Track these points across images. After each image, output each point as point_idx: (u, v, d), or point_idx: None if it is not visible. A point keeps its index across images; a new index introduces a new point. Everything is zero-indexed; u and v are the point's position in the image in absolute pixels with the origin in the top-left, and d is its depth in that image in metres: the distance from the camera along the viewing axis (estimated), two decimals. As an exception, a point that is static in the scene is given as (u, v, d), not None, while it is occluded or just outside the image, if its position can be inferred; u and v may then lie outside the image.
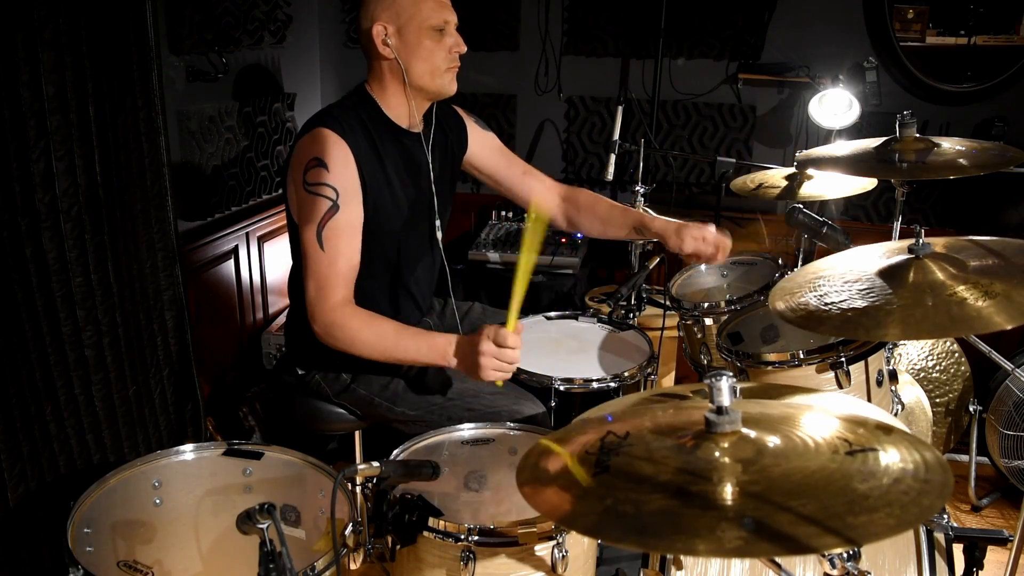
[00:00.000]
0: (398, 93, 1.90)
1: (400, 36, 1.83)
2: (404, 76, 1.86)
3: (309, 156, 1.77)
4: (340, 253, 1.78)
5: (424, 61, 1.85)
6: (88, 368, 2.06)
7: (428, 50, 1.84)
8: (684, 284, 2.49)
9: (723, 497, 0.94)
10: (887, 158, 2.07)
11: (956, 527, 1.42)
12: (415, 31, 1.83)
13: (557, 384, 1.94)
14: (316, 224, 1.76)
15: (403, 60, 1.84)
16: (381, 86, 1.91)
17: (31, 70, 1.85)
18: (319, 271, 1.77)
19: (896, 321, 1.32)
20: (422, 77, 1.87)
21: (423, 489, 1.52)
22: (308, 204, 1.77)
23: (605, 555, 1.93)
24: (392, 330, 1.77)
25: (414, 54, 1.84)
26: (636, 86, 3.44)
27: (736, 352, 1.93)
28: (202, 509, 1.67)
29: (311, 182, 1.76)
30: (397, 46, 1.83)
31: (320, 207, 1.76)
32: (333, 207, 1.76)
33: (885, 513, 0.88)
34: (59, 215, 1.94)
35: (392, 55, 1.84)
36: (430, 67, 1.86)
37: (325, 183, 1.76)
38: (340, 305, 1.77)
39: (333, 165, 1.77)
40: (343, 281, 1.79)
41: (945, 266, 1.41)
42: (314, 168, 1.76)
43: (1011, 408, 2.68)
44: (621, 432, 1.11)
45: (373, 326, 1.77)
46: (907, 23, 3.11)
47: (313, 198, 1.76)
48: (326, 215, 1.76)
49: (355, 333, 1.76)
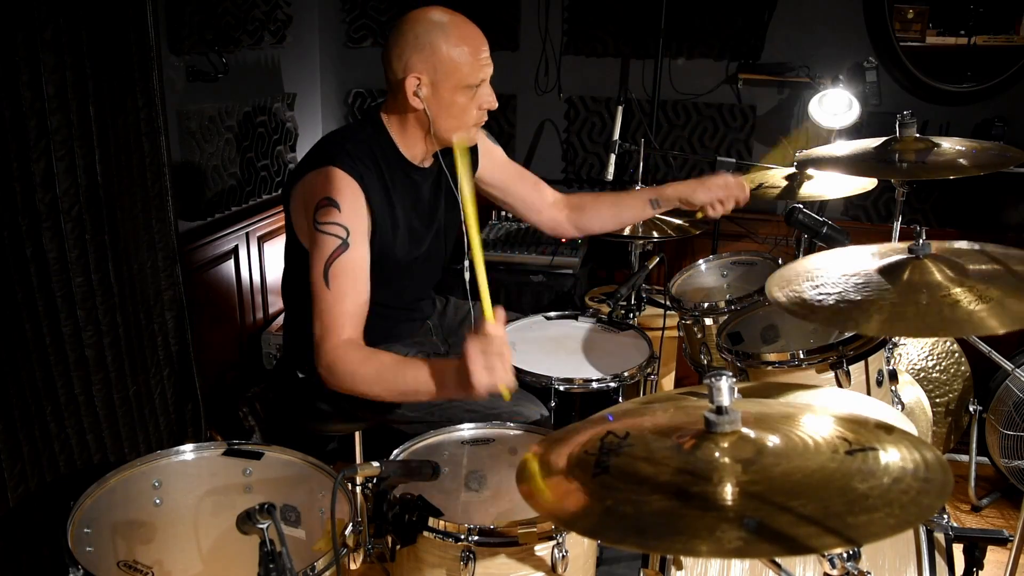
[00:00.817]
0: (418, 138, 1.86)
1: (433, 90, 1.76)
2: (430, 127, 1.81)
3: (321, 195, 1.75)
4: (346, 293, 1.75)
5: (454, 118, 1.80)
6: (88, 368, 2.06)
7: (460, 108, 1.79)
8: (684, 284, 2.49)
9: (723, 497, 0.94)
10: (887, 158, 2.08)
11: (956, 527, 1.42)
12: (450, 89, 1.76)
13: (557, 384, 1.94)
14: (324, 262, 1.73)
15: (432, 113, 1.78)
16: (401, 127, 1.86)
17: (31, 70, 1.85)
18: (323, 310, 1.74)
19: (886, 316, 1.33)
20: (448, 132, 1.82)
21: (423, 489, 1.52)
22: (317, 241, 1.74)
23: (605, 555, 1.93)
24: (390, 364, 1.70)
25: (446, 111, 1.78)
26: (636, 86, 3.44)
27: (736, 352, 1.93)
28: (202, 509, 1.67)
29: (321, 221, 1.74)
30: (429, 99, 1.76)
31: (329, 245, 1.73)
32: (342, 245, 1.73)
33: (885, 513, 0.89)
34: (59, 215, 1.94)
35: (421, 106, 1.77)
36: (458, 123, 1.81)
37: (336, 223, 1.73)
38: (344, 345, 1.72)
39: (344, 205, 1.74)
40: (348, 321, 1.75)
41: (944, 268, 1.41)
42: (325, 207, 1.74)
43: (1011, 408, 2.67)
44: (621, 432, 1.11)
45: (371, 363, 1.70)
46: (907, 23, 3.11)
47: (323, 236, 1.74)
48: (334, 254, 1.73)
49: (355, 371, 1.69)
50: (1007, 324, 1.25)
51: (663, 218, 2.63)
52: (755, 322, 2.12)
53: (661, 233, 2.57)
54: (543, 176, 2.29)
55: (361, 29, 3.57)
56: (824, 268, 1.55)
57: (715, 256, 2.56)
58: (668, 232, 2.58)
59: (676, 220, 2.63)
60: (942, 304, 1.33)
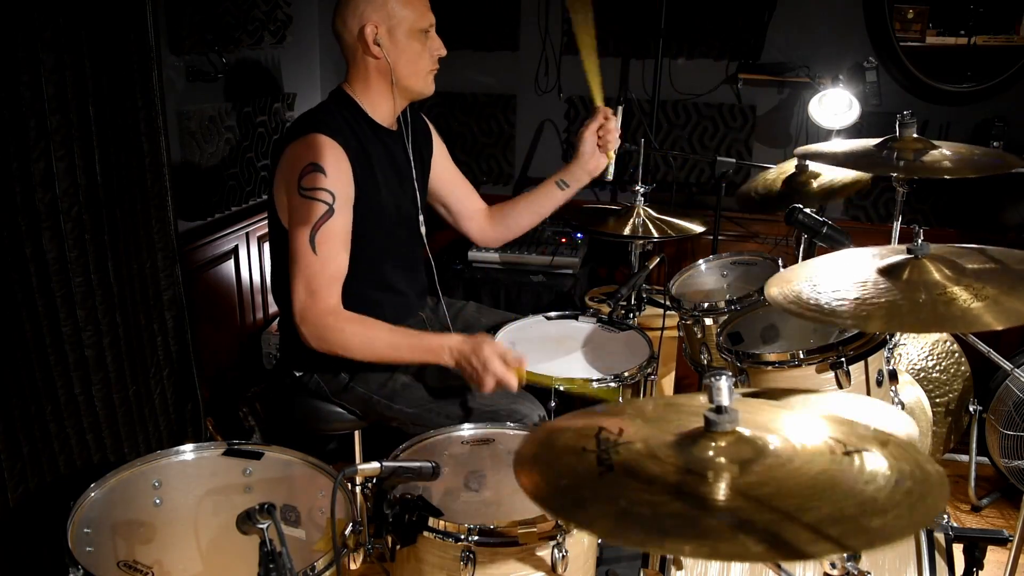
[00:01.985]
0: (383, 92, 1.93)
1: (390, 37, 1.86)
2: (391, 76, 1.89)
3: (305, 161, 1.78)
4: (332, 258, 1.79)
5: (412, 62, 1.90)
6: (88, 368, 2.06)
7: (416, 52, 1.90)
8: (684, 284, 2.49)
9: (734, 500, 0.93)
10: (886, 156, 2.07)
11: (956, 527, 1.42)
12: (405, 33, 1.87)
13: (557, 384, 1.94)
14: (310, 227, 1.76)
15: (392, 60, 1.88)
16: (365, 86, 1.93)
17: (31, 70, 1.85)
18: (310, 275, 1.77)
19: (882, 313, 1.34)
20: (408, 77, 1.91)
21: (423, 489, 1.52)
22: (303, 208, 1.77)
23: (605, 555, 1.93)
24: (385, 332, 1.79)
25: (403, 55, 1.89)
26: (636, 86, 3.44)
27: (736, 352, 1.93)
28: (202, 509, 1.67)
29: (307, 187, 1.77)
30: (387, 46, 1.87)
31: (315, 211, 1.77)
32: (329, 211, 1.77)
33: (895, 515, 0.89)
34: (59, 215, 1.94)
35: (382, 55, 1.87)
36: (416, 68, 1.91)
37: (322, 187, 1.77)
38: (332, 309, 1.78)
39: (330, 170, 1.78)
40: (334, 285, 1.80)
41: (942, 267, 1.42)
42: (311, 173, 1.77)
43: (1011, 408, 2.67)
44: (615, 429, 1.11)
45: (366, 329, 1.79)
46: (907, 23, 3.11)
47: (309, 202, 1.77)
48: (321, 219, 1.77)
49: (348, 337, 1.77)
50: (1002, 321, 1.26)
51: (663, 218, 2.63)
52: (755, 322, 2.12)
53: (661, 233, 2.57)
54: (543, 176, 2.30)
55: (361, 29, 3.57)
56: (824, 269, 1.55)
57: (715, 256, 2.56)
58: (668, 232, 2.58)
59: (677, 221, 2.63)
60: (938, 302, 1.34)
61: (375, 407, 1.95)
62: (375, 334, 1.80)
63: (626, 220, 2.60)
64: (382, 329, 1.80)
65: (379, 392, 1.94)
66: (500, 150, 3.62)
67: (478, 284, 3.13)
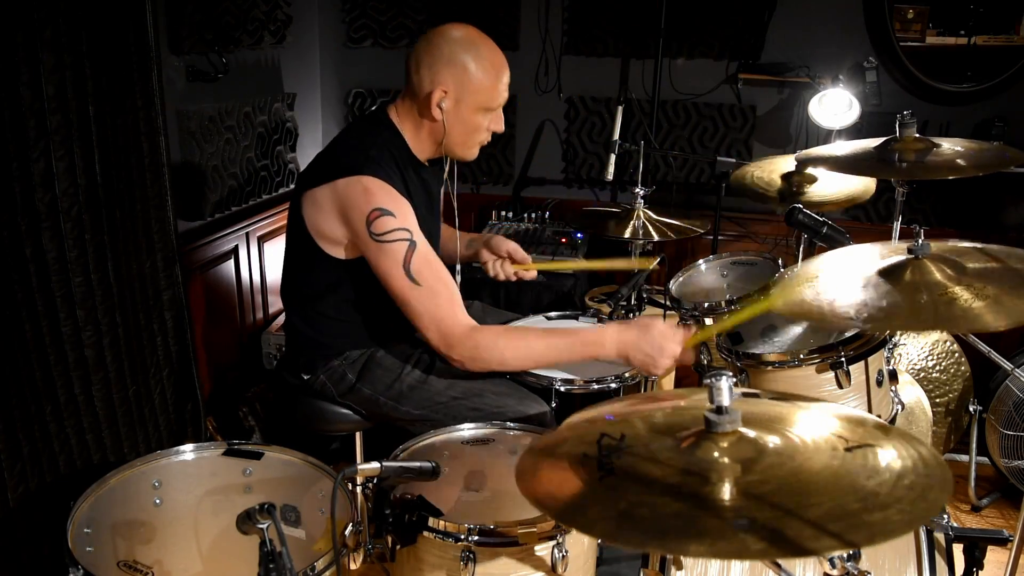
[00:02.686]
0: (429, 144, 1.93)
1: (456, 106, 1.85)
2: (443, 138, 1.89)
3: (369, 207, 1.77)
4: (437, 279, 1.79)
5: (468, 135, 1.90)
6: (88, 368, 2.06)
7: (475, 127, 1.89)
8: (684, 284, 2.49)
9: (736, 498, 0.93)
10: (887, 158, 2.07)
11: (956, 527, 1.42)
12: (472, 108, 1.86)
13: (558, 385, 1.94)
14: (401, 267, 1.76)
15: (448, 127, 1.87)
16: (416, 130, 1.92)
17: (31, 70, 1.85)
18: (430, 308, 1.77)
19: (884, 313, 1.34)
20: (457, 146, 1.92)
21: (423, 489, 1.52)
22: (386, 253, 1.77)
23: (605, 555, 1.93)
24: (537, 335, 1.80)
25: (462, 126, 1.88)
26: (636, 86, 3.44)
27: (736, 352, 1.93)
28: (202, 509, 1.67)
29: (380, 232, 1.76)
30: (449, 113, 1.85)
31: (399, 250, 1.76)
32: (411, 245, 1.77)
33: (897, 509, 0.89)
34: (59, 215, 1.94)
35: (440, 119, 1.85)
36: (468, 140, 1.91)
37: (396, 228, 1.77)
38: (472, 329, 1.78)
39: (396, 210, 1.78)
40: (457, 306, 1.80)
41: (943, 267, 1.42)
42: (379, 218, 1.76)
43: (1011, 408, 2.67)
44: (616, 434, 1.11)
45: (517, 338, 1.80)
46: (907, 23, 3.11)
47: (389, 245, 1.76)
48: (407, 255, 1.77)
49: (503, 350, 1.78)
50: (1002, 321, 1.26)
51: (663, 220, 2.63)
52: (755, 322, 2.12)
53: (661, 235, 2.58)
54: (543, 176, 2.30)
55: (361, 29, 3.57)
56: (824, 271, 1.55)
57: (715, 256, 2.55)
58: (668, 233, 2.59)
59: (675, 222, 2.63)
60: (939, 302, 1.33)
61: (382, 408, 1.95)
62: (528, 341, 1.79)
63: (626, 223, 2.60)
64: (533, 333, 1.81)
65: (386, 393, 1.93)
66: (500, 150, 3.62)
67: (478, 284, 3.12)
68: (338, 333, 1.97)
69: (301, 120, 3.36)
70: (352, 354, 1.97)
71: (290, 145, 3.25)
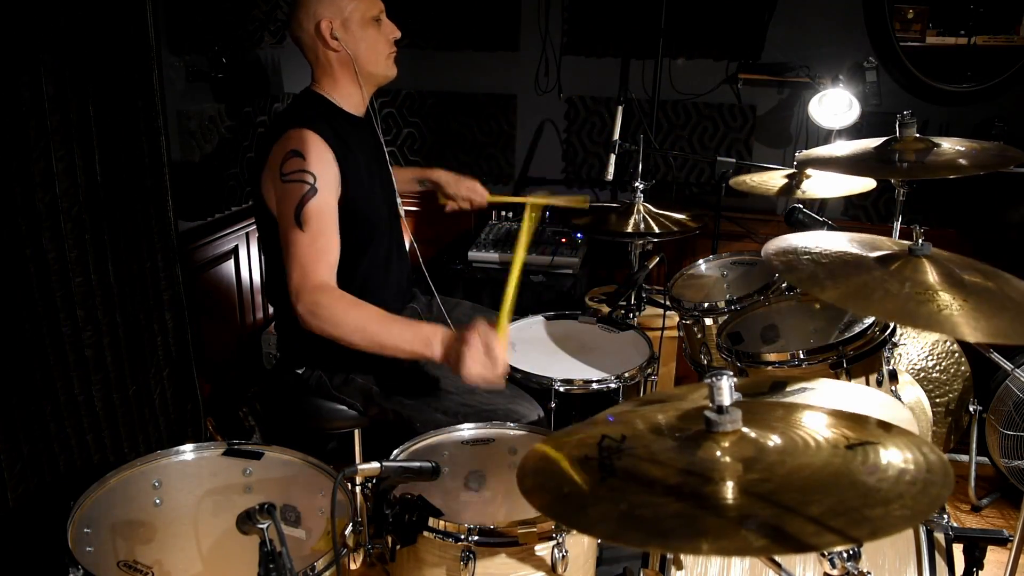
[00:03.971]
0: (350, 83, 2.00)
1: (346, 29, 1.94)
2: (354, 66, 1.96)
3: (285, 150, 1.82)
4: (320, 233, 1.80)
5: (370, 49, 1.98)
6: (88, 368, 2.06)
7: (373, 38, 1.97)
8: (684, 284, 2.49)
9: (738, 497, 0.94)
10: (887, 158, 2.08)
11: (956, 527, 1.42)
12: (358, 22, 1.95)
13: (557, 385, 1.94)
14: (295, 207, 1.79)
15: (351, 50, 1.95)
16: (332, 81, 1.99)
17: (31, 70, 1.85)
18: (301, 252, 1.78)
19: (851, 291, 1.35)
20: (370, 64, 1.98)
21: (423, 489, 1.52)
22: (286, 192, 1.81)
23: (605, 555, 1.93)
24: (377, 315, 1.76)
25: (361, 43, 1.96)
26: (636, 86, 3.44)
27: (736, 352, 1.93)
28: (202, 509, 1.67)
29: (288, 171, 1.81)
30: (344, 38, 1.94)
31: (297, 191, 1.79)
32: (311, 190, 1.80)
33: (899, 504, 0.89)
34: (59, 215, 1.94)
35: (341, 47, 1.94)
36: (375, 54, 1.99)
37: (302, 170, 1.81)
38: (324, 286, 1.77)
39: (309, 154, 1.82)
40: (325, 262, 1.80)
41: (937, 271, 1.41)
42: (291, 158, 1.81)
43: (1011, 408, 2.68)
44: (616, 435, 1.11)
45: (358, 309, 1.76)
46: (907, 23, 3.11)
47: (291, 185, 1.80)
48: (304, 197, 1.79)
49: (341, 315, 1.74)
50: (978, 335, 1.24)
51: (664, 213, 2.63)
52: (755, 322, 2.12)
53: (663, 228, 2.57)
54: (543, 176, 2.30)
55: (361, 29, 3.57)
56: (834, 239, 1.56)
57: (715, 256, 2.56)
58: (670, 227, 2.58)
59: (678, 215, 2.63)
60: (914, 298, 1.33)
61: (375, 399, 1.96)
62: (369, 313, 1.76)
63: (627, 218, 2.60)
64: (376, 311, 1.77)
65: (379, 384, 1.96)
66: (500, 150, 3.62)
67: (478, 284, 3.13)
68: None
69: (301, 120, 3.36)
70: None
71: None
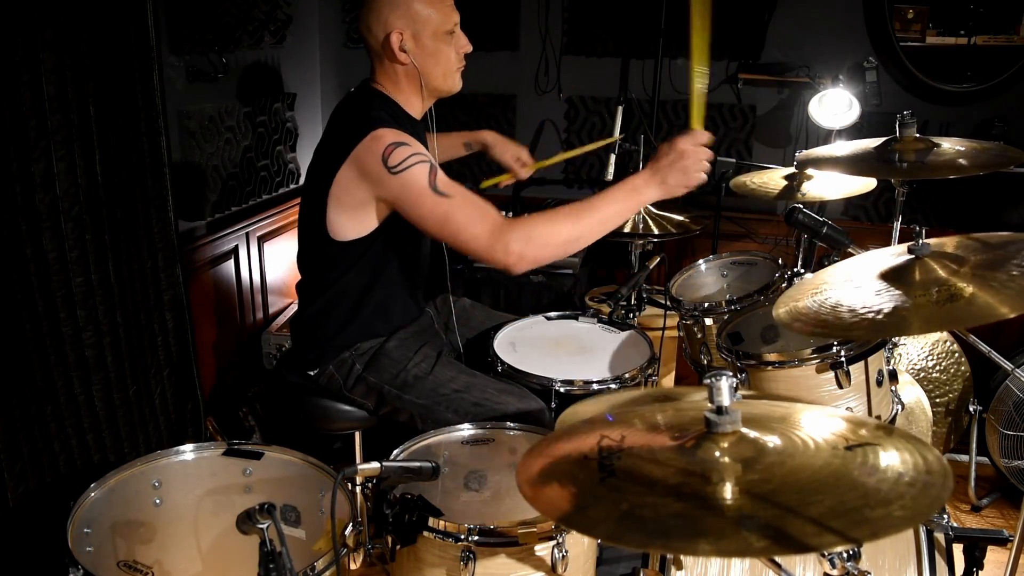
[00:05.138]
0: (414, 93, 1.97)
1: (416, 42, 1.89)
2: (420, 79, 1.93)
3: (382, 147, 1.79)
4: (465, 191, 1.81)
5: (439, 64, 1.94)
6: (88, 368, 2.06)
7: (443, 53, 1.93)
8: (684, 284, 2.49)
9: (738, 498, 0.94)
10: (887, 158, 2.07)
11: (956, 527, 1.42)
12: (430, 36, 1.90)
13: (557, 385, 1.94)
14: (429, 185, 1.77)
15: (419, 64, 1.91)
16: (396, 87, 1.96)
17: (32, 70, 1.85)
18: (467, 213, 1.78)
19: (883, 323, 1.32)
20: (437, 79, 1.95)
21: (423, 489, 1.52)
22: (407, 180, 1.78)
23: (605, 555, 1.93)
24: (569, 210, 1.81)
25: (430, 58, 1.92)
26: (636, 86, 3.44)
27: (736, 352, 1.93)
28: (202, 509, 1.67)
29: (397, 162, 1.78)
30: (413, 51, 1.90)
31: (420, 172, 1.78)
32: (431, 166, 1.80)
33: (899, 505, 0.89)
34: (59, 215, 1.94)
35: (408, 60, 1.90)
36: (444, 70, 1.95)
37: (413, 154, 1.79)
38: (510, 223, 1.79)
39: (408, 141, 1.81)
40: (489, 207, 1.81)
41: (946, 263, 1.40)
42: (395, 150, 1.78)
43: (1011, 408, 2.68)
44: (616, 436, 1.11)
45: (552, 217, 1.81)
46: (907, 23, 3.11)
47: (408, 171, 1.78)
48: (431, 173, 1.79)
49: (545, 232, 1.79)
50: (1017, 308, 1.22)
51: (662, 214, 2.63)
52: (755, 322, 2.12)
53: (661, 229, 2.58)
54: (543, 175, 2.30)
55: (361, 29, 3.57)
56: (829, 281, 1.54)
57: (715, 256, 2.56)
58: (668, 228, 2.59)
59: (677, 217, 2.63)
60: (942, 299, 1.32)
61: (386, 397, 1.96)
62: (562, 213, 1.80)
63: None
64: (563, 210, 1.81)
65: (391, 383, 1.95)
66: (500, 150, 3.61)
67: (478, 284, 3.13)
68: (351, 325, 1.99)
69: (301, 120, 3.36)
70: (363, 345, 1.99)
71: (290, 145, 3.25)
